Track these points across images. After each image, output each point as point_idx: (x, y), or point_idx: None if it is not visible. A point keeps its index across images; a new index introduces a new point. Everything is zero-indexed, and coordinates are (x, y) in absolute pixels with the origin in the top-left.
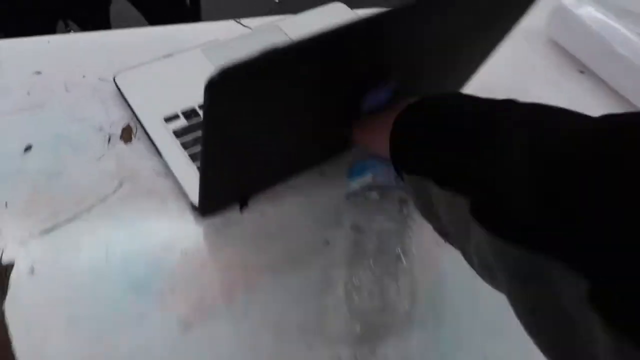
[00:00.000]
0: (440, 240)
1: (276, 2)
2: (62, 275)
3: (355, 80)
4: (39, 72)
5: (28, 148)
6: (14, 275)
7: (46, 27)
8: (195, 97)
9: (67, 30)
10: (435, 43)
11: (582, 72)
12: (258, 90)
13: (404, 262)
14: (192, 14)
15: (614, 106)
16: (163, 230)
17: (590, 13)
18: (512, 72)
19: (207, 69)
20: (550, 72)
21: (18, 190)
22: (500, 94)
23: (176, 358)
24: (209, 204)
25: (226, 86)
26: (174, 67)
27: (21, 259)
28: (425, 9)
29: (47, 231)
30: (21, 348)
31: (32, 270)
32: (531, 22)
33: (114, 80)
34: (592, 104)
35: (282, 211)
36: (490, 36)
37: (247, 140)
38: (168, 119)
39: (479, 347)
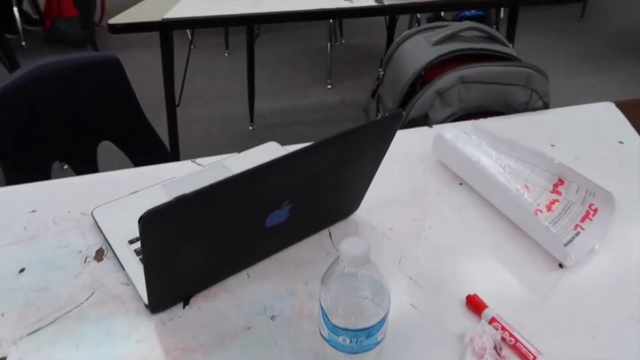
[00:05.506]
0: None
1: (250, 130)
2: None
3: (259, 206)
4: (34, 211)
5: (22, 270)
6: None
7: (44, 167)
8: None
9: (61, 167)
10: (320, 175)
11: (461, 184)
12: (177, 222)
13: None
14: (171, 156)
15: (484, 210)
16: (122, 324)
17: (464, 140)
18: (408, 184)
19: (163, 200)
20: (437, 184)
21: (13, 304)
22: (397, 205)
23: None
24: (157, 303)
25: (152, 221)
26: (138, 200)
27: (12, 354)
28: (304, 157)
29: (33, 333)
30: None
31: None
32: (426, 147)
33: (92, 214)
34: (470, 210)
35: (215, 305)
36: (365, 166)
37: (178, 256)
38: (131, 241)
39: None
